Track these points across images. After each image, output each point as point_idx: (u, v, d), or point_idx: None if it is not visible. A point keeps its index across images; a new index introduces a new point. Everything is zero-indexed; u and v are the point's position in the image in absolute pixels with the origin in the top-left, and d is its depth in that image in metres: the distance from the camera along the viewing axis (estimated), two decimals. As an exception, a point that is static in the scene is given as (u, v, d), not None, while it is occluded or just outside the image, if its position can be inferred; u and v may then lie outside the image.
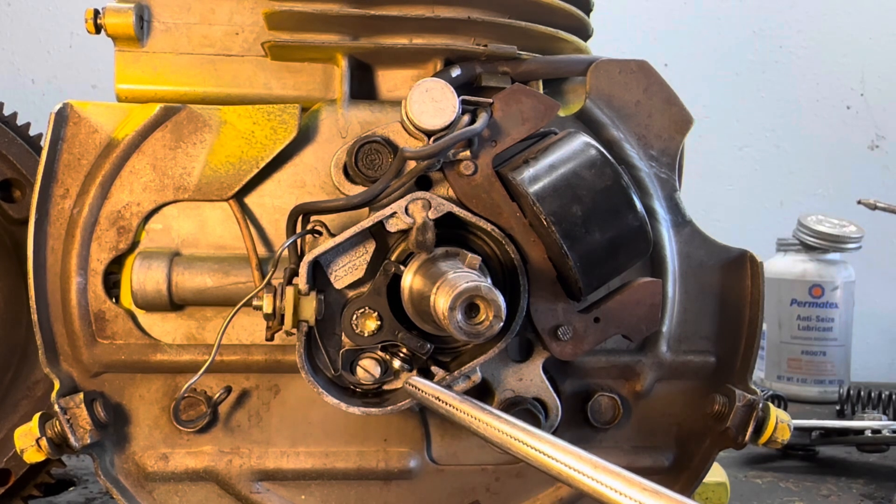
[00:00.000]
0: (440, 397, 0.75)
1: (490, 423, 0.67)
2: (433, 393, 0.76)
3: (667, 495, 0.49)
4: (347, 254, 0.86)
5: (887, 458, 1.46)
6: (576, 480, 0.55)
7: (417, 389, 0.78)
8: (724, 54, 2.36)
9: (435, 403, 0.75)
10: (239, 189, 0.90)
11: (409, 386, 0.80)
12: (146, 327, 0.91)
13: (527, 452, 0.61)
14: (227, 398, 0.92)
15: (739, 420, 0.92)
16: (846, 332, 1.92)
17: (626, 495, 0.51)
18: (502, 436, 0.65)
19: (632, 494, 0.50)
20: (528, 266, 0.85)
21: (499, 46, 0.94)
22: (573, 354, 0.86)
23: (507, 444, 0.63)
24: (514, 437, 0.63)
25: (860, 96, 2.40)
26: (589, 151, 0.83)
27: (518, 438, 0.62)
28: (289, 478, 0.93)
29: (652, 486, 0.50)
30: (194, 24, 0.94)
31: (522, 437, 0.62)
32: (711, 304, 0.97)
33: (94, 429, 0.86)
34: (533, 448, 0.60)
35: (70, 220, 0.89)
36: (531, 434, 0.62)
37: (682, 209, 0.96)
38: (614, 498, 0.51)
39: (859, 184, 2.30)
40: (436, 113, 0.84)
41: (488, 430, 0.66)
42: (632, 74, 0.95)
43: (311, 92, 0.94)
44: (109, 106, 0.91)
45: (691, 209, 0.97)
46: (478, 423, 0.68)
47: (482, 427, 0.68)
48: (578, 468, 0.55)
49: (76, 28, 2.08)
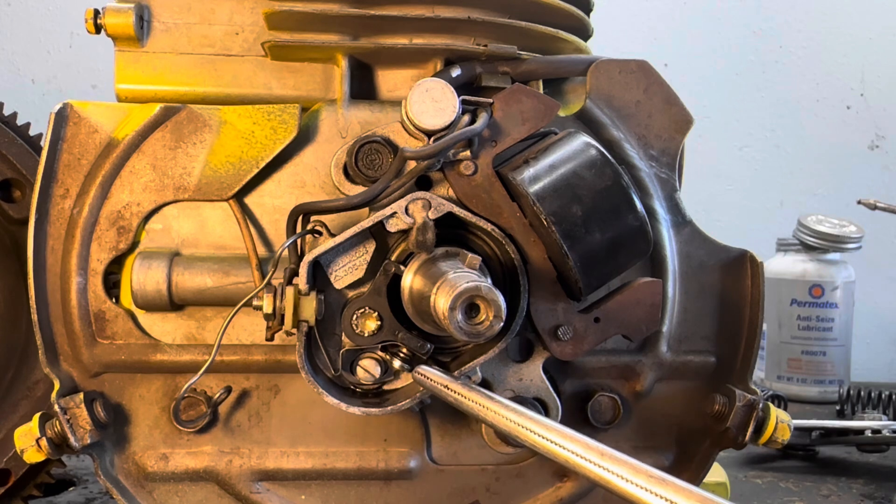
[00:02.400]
0: (449, 386, 0.75)
1: (498, 412, 0.67)
2: (442, 382, 0.77)
3: (673, 483, 0.49)
4: (347, 254, 0.86)
5: (887, 458, 1.46)
6: (583, 468, 0.55)
7: (427, 378, 0.79)
8: (724, 54, 2.36)
9: (444, 392, 0.76)
10: (239, 189, 0.90)
11: (417, 375, 0.81)
12: (146, 327, 0.91)
13: (534, 441, 0.61)
14: (227, 398, 0.92)
15: (739, 420, 0.92)
16: (846, 332, 1.92)
17: (633, 482, 0.51)
18: (510, 423, 0.64)
19: (638, 482, 0.50)
20: (528, 266, 0.85)
21: (499, 46, 0.94)
22: (573, 354, 0.86)
23: (515, 432, 0.63)
24: (522, 425, 0.63)
25: (860, 96, 2.40)
26: (589, 151, 0.83)
27: (526, 426, 0.62)
28: (289, 478, 0.93)
29: (658, 473, 0.50)
30: (194, 24, 0.94)
31: (530, 426, 0.62)
32: (711, 304, 0.97)
33: (94, 429, 0.86)
34: (541, 436, 0.60)
35: (70, 220, 0.89)
36: (539, 422, 0.61)
37: (682, 209, 0.96)
38: (621, 485, 0.51)
39: (859, 184, 2.30)
40: (436, 113, 0.84)
41: (496, 419, 0.66)
42: (632, 74, 0.95)
43: (311, 92, 0.94)
44: (109, 106, 0.91)
45: (691, 209, 0.97)
46: (486, 410, 0.69)
47: (490, 415, 0.68)
48: (586, 456, 0.55)
49: (76, 28, 2.08)
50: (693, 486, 0.49)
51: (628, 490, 0.51)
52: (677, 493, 0.49)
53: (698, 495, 0.48)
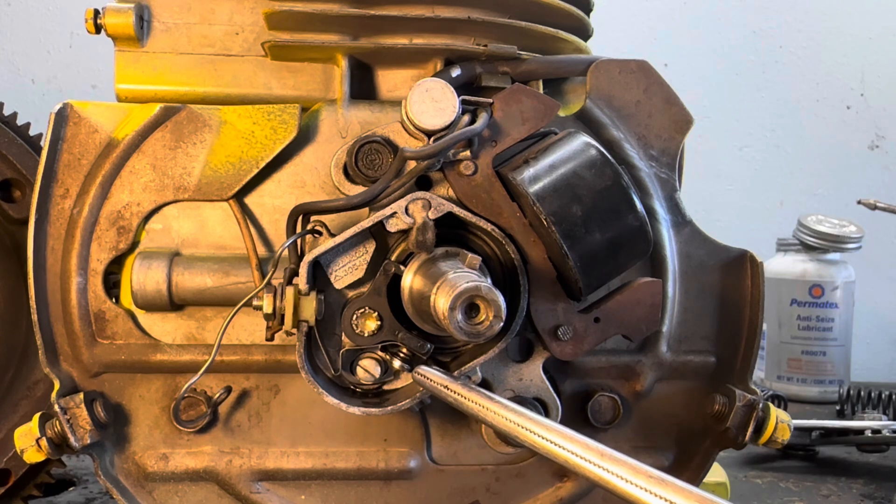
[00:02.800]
0: (448, 386, 0.75)
1: (498, 412, 0.66)
2: (441, 382, 0.77)
3: (672, 483, 0.49)
4: (347, 254, 0.86)
5: (887, 458, 1.46)
6: (583, 468, 0.55)
7: (426, 378, 0.79)
8: (724, 54, 2.36)
9: (443, 392, 0.75)
10: (239, 189, 0.90)
11: (417, 375, 0.81)
12: (146, 327, 0.91)
13: (534, 441, 0.61)
14: (227, 398, 0.92)
15: (739, 420, 0.92)
16: (846, 332, 1.92)
17: (633, 483, 0.51)
18: (510, 424, 0.64)
19: (638, 482, 0.50)
20: (528, 266, 0.85)
21: (499, 46, 0.94)
22: (573, 354, 0.86)
23: (515, 433, 0.63)
24: (521, 425, 0.63)
25: (860, 96, 2.40)
26: (589, 151, 0.83)
27: (525, 427, 0.62)
28: (289, 478, 0.93)
29: (658, 474, 0.50)
30: (194, 24, 0.94)
31: (530, 426, 0.62)
32: (711, 304, 0.97)
33: (94, 429, 0.86)
34: (540, 436, 0.60)
35: (70, 220, 0.89)
36: (538, 423, 0.61)
37: (682, 209, 0.96)
38: (621, 486, 0.51)
39: (859, 184, 2.30)
40: (436, 113, 0.84)
41: (496, 419, 0.66)
42: (632, 74, 0.95)
43: (311, 92, 0.94)
44: (109, 106, 0.91)
45: (691, 209, 0.97)
46: (486, 411, 0.69)
47: (490, 415, 0.67)
48: (586, 456, 0.55)
49: (76, 28, 2.08)
50: (693, 487, 0.49)
51: (628, 490, 0.51)
52: (677, 493, 0.49)
53: (698, 496, 0.48)
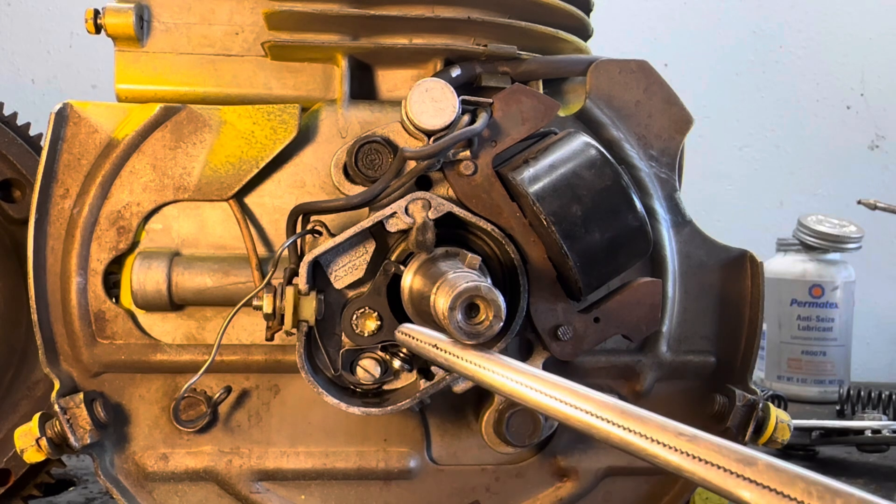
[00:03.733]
0: (438, 345, 0.68)
1: (495, 370, 0.62)
2: (429, 341, 0.70)
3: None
4: (347, 254, 0.86)
5: (887, 458, 1.46)
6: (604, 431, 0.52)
7: (411, 338, 0.72)
8: (724, 54, 2.36)
9: (432, 352, 0.69)
10: (239, 189, 0.90)
11: (400, 335, 0.74)
12: (146, 327, 0.91)
13: (536, 401, 0.57)
14: (227, 398, 0.92)
15: (739, 420, 0.92)
16: (846, 331, 1.92)
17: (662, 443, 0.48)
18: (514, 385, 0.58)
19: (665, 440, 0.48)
20: (528, 266, 0.85)
21: (499, 46, 0.94)
22: (573, 354, 0.86)
23: (520, 396, 0.58)
24: (522, 382, 0.58)
25: (860, 96, 2.40)
26: (589, 151, 0.83)
27: (525, 384, 0.57)
28: (289, 478, 0.93)
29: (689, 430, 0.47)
30: (194, 24, 0.94)
31: (529, 383, 0.57)
32: (711, 304, 0.97)
33: (94, 429, 0.86)
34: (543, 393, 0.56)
35: (70, 220, 0.89)
36: (544, 380, 0.57)
37: (682, 209, 0.96)
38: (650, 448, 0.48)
39: (859, 184, 2.30)
40: (436, 113, 0.84)
41: (494, 380, 0.61)
42: (632, 74, 0.95)
43: (311, 92, 0.94)
44: (109, 106, 0.91)
45: (691, 209, 0.97)
46: (483, 371, 0.63)
47: (489, 376, 0.62)
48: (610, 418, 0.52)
49: (76, 28, 2.08)
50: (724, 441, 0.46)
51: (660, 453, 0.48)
52: (709, 449, 0.46)
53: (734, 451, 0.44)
